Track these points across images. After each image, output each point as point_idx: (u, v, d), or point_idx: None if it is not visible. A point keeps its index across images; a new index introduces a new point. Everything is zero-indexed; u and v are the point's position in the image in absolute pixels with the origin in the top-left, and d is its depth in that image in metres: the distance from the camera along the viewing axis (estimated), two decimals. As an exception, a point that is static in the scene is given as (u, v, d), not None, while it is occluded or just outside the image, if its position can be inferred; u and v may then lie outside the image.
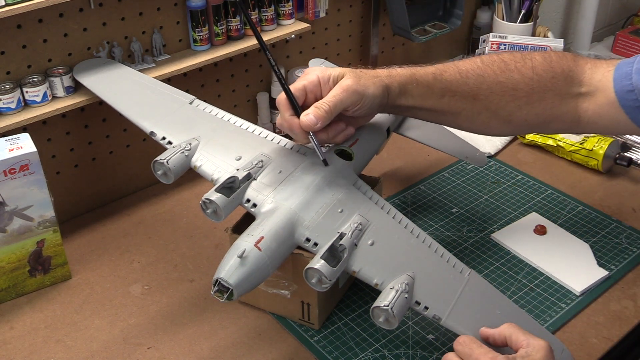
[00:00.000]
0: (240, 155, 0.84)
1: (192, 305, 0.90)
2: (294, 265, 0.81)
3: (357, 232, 0.76)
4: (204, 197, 0.76)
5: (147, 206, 1.10)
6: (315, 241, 0.75)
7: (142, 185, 1.14)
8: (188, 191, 1.12)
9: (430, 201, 1.09)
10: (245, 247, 0.70)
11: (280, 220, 0.75)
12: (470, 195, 1.10)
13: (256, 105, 1.23)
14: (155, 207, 1.10)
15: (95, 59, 1.00)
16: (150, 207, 1.10)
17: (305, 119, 0.75)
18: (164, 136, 0.86)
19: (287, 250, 0.75)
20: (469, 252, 0.97)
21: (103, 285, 0.94)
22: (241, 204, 0.79)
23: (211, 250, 1.00)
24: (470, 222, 1.04)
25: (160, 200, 1.11)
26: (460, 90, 0.80)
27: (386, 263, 0.75)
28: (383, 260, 0.75)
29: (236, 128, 0.88)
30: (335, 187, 0.80)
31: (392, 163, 1.19)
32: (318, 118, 0.74)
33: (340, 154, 0.88)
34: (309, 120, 0.74)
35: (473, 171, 1.16)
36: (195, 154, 0.84)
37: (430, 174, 1.16)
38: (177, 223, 1.06)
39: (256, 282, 0.71)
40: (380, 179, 0.94)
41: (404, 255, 0.76)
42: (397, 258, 0.76)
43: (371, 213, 0.79)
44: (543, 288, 0.91)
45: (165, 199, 1.11)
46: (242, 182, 0.79)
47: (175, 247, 1.01)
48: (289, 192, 0.78)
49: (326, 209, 0.78)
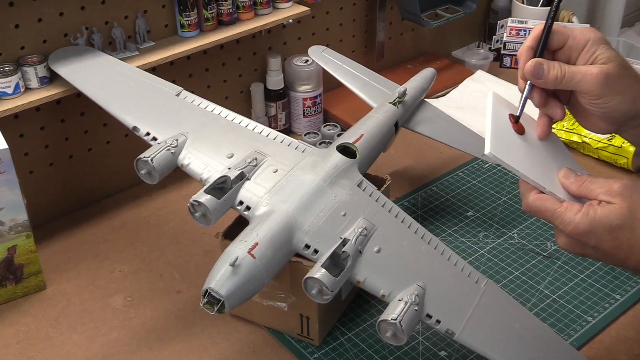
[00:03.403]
0: (232, 153, 0.83)
1: (179, 318, 0.90)
2: (291, 275, 0.81)
3: (362, 238, 0.76)
4: (192, 199, 0.76)
5: (130, 209, 1.10)
6: (316, 248, 0.75)
7: (123, 185, 1.14)
8: (175, 192, 1.12)
9: (443, 203, 1.08)
10: (237, 254, 0.70)
11: (277, 224, 0.74)
12: (488, 197, 1.10)
13: (250, 97, 1.23)
14: (138, 210, 1.10)
15: (73, 47, 1.00)
16: (132, 210, 1.10)
17: (535, 64, 0.70)
18: (148, 131, 0.86)
19: (284, 258, 0.75)
20: (485, 260, 0.97)
21: (81, 296, 0.94)
22: (233, 206, 0.79)
23: (200, 257, 1.00)
24: (487, 226, 1.04)
25: (144, 203, 1.11)
26: None
27: (394, 272, 0.75)
28: (391, 268, 0.75)
29: (228, 122, 0.88)
30: (337, 188, 0.80)
31: (401, 161, 1.19)
32: (548, 73, 0.70)
33: (343, 150, 0.88)
34: (536, 68, 0.70)
35: (490, 170, 1.16)
36: (182, 151, 0.84)
37: (443, 173, 1.16)
38: (162, 228, 1.06)
39: (250, 293, 0.71)
40: (388, 179, 0.94)
41: (414, 264, 0.76)
42: (406, 266, 0.76)
43: (377, 217, 0.79)
44: (567, 299, 0.91)
45: (149, 201, 1.11)
46: (235, 183, 0.79)
47: (160, 254, 1.01)
48: (286, 193, 0.78)
49: (327, 212, 0.78)
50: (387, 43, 1.39)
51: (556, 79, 0.70)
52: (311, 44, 1.12)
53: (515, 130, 0.72)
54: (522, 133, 0.72)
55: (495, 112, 0.72)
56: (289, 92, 1.24)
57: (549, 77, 0.70)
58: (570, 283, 0.93)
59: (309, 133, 1.22)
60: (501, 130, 0.71)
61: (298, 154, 0.85)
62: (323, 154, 0.85)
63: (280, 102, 1.23)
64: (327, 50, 1.10)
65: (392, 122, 0.96)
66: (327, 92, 1.31)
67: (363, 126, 0.93)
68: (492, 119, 0.71)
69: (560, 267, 0.96)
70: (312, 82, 1.23)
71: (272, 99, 1.23)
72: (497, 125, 0.71)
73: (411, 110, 1.02)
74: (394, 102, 0.98)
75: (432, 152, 1.21)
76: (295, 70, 1.23)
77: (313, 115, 1.26)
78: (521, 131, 0.72)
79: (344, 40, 1.33)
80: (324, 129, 1.23)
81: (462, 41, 1.54)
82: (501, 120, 0.72)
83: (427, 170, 1.17)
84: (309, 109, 1.25)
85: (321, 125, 1.26)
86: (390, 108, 0.97)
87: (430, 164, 1.18)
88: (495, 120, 0.71)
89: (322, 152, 0.86)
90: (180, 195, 1.12)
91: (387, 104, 0.98)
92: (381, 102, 1.00)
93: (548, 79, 0.70)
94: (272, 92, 1.22)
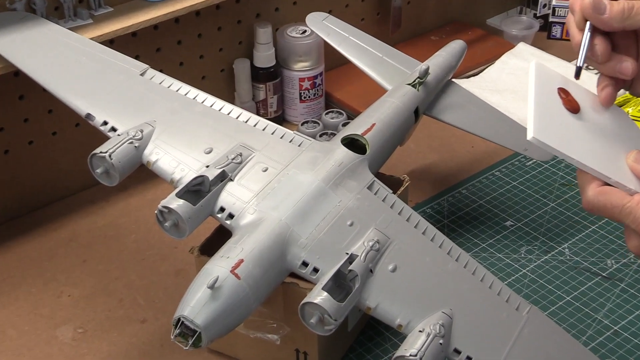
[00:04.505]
0: (210, 147, 0.84)
1: (143, 354, 0.91)
2: (285, 300, 0.82)
3: (374, 254, 0.77)
4: (161, 205, 0.77)
5: (82, 217, 1.11)
6: (315, 266, 0.76)
7: (74, 188, 1.14)
8: (138, 197, 1.13)
9: (474, 210, 1.09)
10: (218, 273, 0.71)
11: (267, 236, 0.75)
12: (531, 203, 1.11)
13: (233, 77, 1.24)
14: (92, 219, 1.11)
15: (9, 13, 1.01)
16: (85, 219, 1.11)
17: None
18: (105, 120, 0.87)
19: (275, 279, 0.76)
20: (528, 282, 0.98)
21: (19, 327, 0.95)
22: (212, 214, 0.80)
23: (170, 278, 1.01)
24: (531, 239, 1.05)
25: (100, 210, 1.12)
26: None
27: (413, 296, 0.76)
28: (409, 292, 0.76)
29: (205, 109, 0.89)
30: (343, 191, 0.81)
31: (422, 157, 1.20)
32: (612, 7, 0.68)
33: (350, 144, 0.88)
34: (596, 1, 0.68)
35: (535, 169, 1.17)
36: (148, 144, 0.84)
37: (476, 172, 1.17)
38: (123, 241, 1.07)
39: (233, 322, 0.72)
40: (406, 180, 0.95)
41: (438, 286, 0.77)
42: (429, 289, 0.77)
43: (393, 227, 0.80)
44: (632, 332, 0.92)
45: (106, 208, 1.12)
46: (214, 184, 0.80)
47: (120, 274, 1.02)
48: (279, 197, 0.79)
49: (330, 222, 0.79)
50: (405, 9, 1.39)
51: (622, 13, 0.68)
52: (310, 10, 1.12)
53: (568, 108, 0.71)
54: (576, 111, 0.71)
55: (541, 86, 0.72)
56: (281, 71, 1.25)
57: (613, 11, 0.68)
58: (636, 311, 0.94)
59: (307, 122, 1.23)
60: (549, 109, 0.70)
61: (293, 148, 0.85)
62: (325, 148, 0.86)
63: (270, 83, 1.24)
64: (330, 18, 1.10)
65: (412, 108, 0.97)
66: (330, 71, 1.32)
67: (375, 113, 0.93)
68: (537, 95, 0.70)
69: (624, 291, 0.97)
70: (311, 58, 1.24)
71: (261, 79, 1.24)
72: (543, 102, 0.70)
73: (435, 94, 1.03)
74: (414, 84, 0.99)
75: (461, 146, 1.22)
76: (289, 43, 1.23)
77: (312, 100, 1.27)
78: (575, 108, 0.71)
79: (350, 5, 1.34)
80: (326, 117, 1.24)
81: (500, 6, 1.54)
82: (548, 96, 0.72)
83: (455, 168, 1.18)
84: (307, 91, 1.26)
85: (322, 112, 1.27)
86: (408, 91, 0.98)
87: (459, 161, 1.19)
88: (541, 96, 0.71)
89: (324, 146, 0.87)
90: (145, 201, 1.13)
91: (405, 85, 0.99)
92: (397, 83, 1.01)
93: (612, 15, 0.68)
94: (261, 71, 1.23)
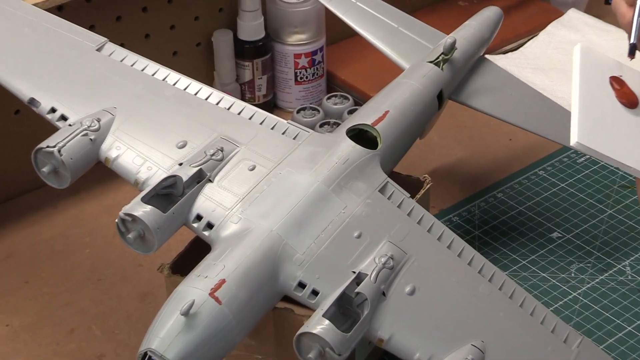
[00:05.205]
0: (184, 140, 0.85)
1: (101, 398, 0.91)
2: (277, 329, 0.82)
3: (387, 273, 0.77)
4: (123, 212, 0.77)
5: (23, 228, 1.11)
6: (315, 288, 0.76)
7: (13, 191, 1.15)
8: (94, 202, 1.14)
9: (513, 219, 1.10)
10: (194, 297, 0.71)
11: (255, 251, 0.76)
12: (584, 210, 1.11)
13: (211, 53, 1.24)
14: (36, 230, 1.11)
15: None
16: (27, 230, 1.11)
17: None
18: (53, 107, 0.87)
19: (265, 304, 0.76)
20: (580, 307, 0.98)
21: (-53, 364, 0.95)
22: (187, 223, 0.80)
23: (134, 303, 1.01)
24: (584, 255, 1.05)
25: (46, 218, 1.12)
26: None
27: (436, 325, 0.76)
28: (431, 320, 0.76)
29: (177, 93, 0.89)
30: (348, 195, 0.82)
31: (447, 153, 1.20)
32: None
33: (357, 136, 0.89)
34: None
35: (589, 167, 1.17)
36: (107, 137, 0.85)
37: (514, 172, 1.17)
38: (74, 257, 1.07)
39: (213, 357, 0.72)
40: (428, 181, 0.95)
41: (467, 313, 0.77)
42: (455, 317, 0.77)
43: (410, 239, 0.80)
44: None
45: (54, 216, 1.13)
46: (189, 187, 0.80)
47: (71, 298, 1.02)
48: (269, 203, 0.80)
49: (333, 233, 0.79)
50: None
51: None
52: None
53: (623, 102, 0.72)
54: (634, 105, 0.72)
55: (588, 75, 0.72)
56: (272, 45, 1.25)
57: None
58: None
59: (305, 109, 1.23)
60: (598, 104, 0.70)
61: (287, 141, 0.86)
62: (326, 142, 0.86)
63: (258, 60, 1.24)
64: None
65: (434, 92, 0.97)
66: (333, 45, 1.32)
67: (388, 99, 0.94)
68: (582, 87, 0.71)
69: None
70: (309, 29, 1.25)
71: (247, 55, 1.24)
72: (591, 96, 0.71)
73: (464, 74, 1.04)
74: (437, 61, 0.99)
75: (496, 138, 1.22)
76: (282, 10, 1.24)
77: (310, 81, 1.27)
78: (632, 102, 0.72)
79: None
80: (328, 102, 1.25)
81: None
82: (598, 87, 0.72)
83: (488, 167, 1.18)
84: (304, 71, 1.26)
85: (323, 96, 1.27)
86: (430, 70, 0.98)
87: (494, 158, 1.19)
88: (588, 88, 0.71)
89: (325, 138, 0.87)
90: (102, 207, 1.13)
91: (426, 63, 0.99)
92: (417, 60, 1.01)
93: None
94: (247, 45, 1.24)
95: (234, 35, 1.23)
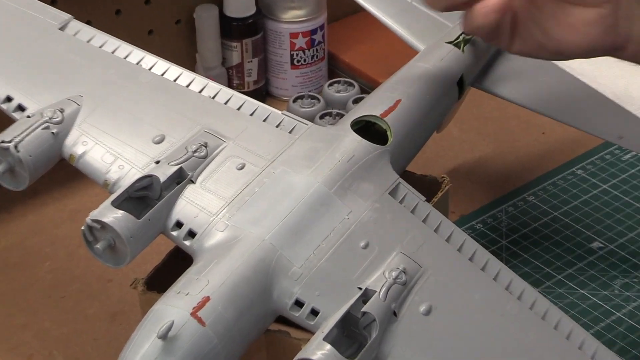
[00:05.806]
0: (162, 134, 0.86)
1: None
2: (270, 354, 0.84)
3: (398, 289, 0.78)
4: (90, 218, 0.78)
5: (-29, 237, 1.13)
6: (314, 306, 0.77)
7: (-41, 194, 1.16)
8: (56, 206, 1.15)
9: (546, 226, 1.11)
10: (173, 318, 0.72)
11: (244, 264, 0.77)
12: (629, 216, 1.13)
13: (193, 32, 1.26)
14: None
15: None
16: (-23, 240, 1.13)
17: None
18: (8, 95, 0.89)
19: (256, 325, 0.77)
20: (626, 330, 0.99)
21: None
22: (164, 231, 0.82)
23: (103, 324, 1.02)
24: (630, 268, 1.06)
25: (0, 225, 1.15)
26: None
27: (457, 350, 0.77)
28: (450, 343, 0.78)
29: (154, 79, 0.91)
30: (353, 198, 0.83)
31: (470, 149, 1.22)
32: None
33: (364, 129, 0.90)
34: None
35: (635, 166, 1.19)
36: (72, 130, 0.86)
37: (548, 171, 1.19)
38: (32, 271, 1.08)
39: (195, 386, 0.74)
40: (446, 182, 0.96)
41: (492, 335, 0.79)
42: (479, 340, 0.78)
43: (426, 250, 0.82)
44: None
45: (9, 223, 1.14)
46: (167, 188, 0.82)
47: (29, 319, 1.03)
48: (262, 207, 0.81)
49: (335, 242, 0.80)
50: None
51: None
52: None
53: None
54: None
55: None
56: (265, 23, 1.27)
57: None
58: None
59: (303, 97, 1.25)
60: None
61: (282, 136, 0.87)
62: (328, 136, 0.88)
63: (248, 40, 1.26)
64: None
65: (454, 77, 0.99)
66: (335, 23, 1.34)
67: (400, 85, 0.95)
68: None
69: None
70: (308, 3, 1.27)
71: (235, 34, 1.26)
72: None
73: (489, 57, 1.05)
74: (457, 42, 1.01)
75: (527, 132, 1.23)
76: (276, -19, 1.26)
77: (309, 65, 1.30)
78: None
79: None
80: (330, 89, 1.26)
81: None
82: None
83: (517, 165, 1.20)
84: (302, 53, 1.28)
85: (324, 83, 1.29)
86: (449, 52, 1.00)
87: (524, 155, 1.21)
88: None
89: (326, 132, 0.89)
90: (66, 212, 1.14)
91: (445, 44, 1.01)
92: (433, 41, 1.03)
93: None
94: (235, 23, 1.25)
95: (220, 11, 1.25)
